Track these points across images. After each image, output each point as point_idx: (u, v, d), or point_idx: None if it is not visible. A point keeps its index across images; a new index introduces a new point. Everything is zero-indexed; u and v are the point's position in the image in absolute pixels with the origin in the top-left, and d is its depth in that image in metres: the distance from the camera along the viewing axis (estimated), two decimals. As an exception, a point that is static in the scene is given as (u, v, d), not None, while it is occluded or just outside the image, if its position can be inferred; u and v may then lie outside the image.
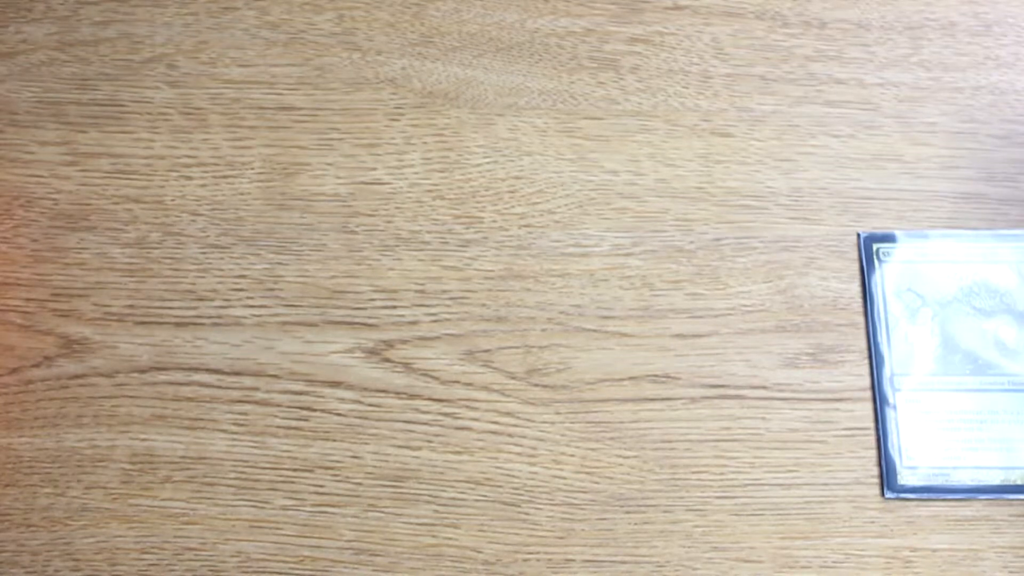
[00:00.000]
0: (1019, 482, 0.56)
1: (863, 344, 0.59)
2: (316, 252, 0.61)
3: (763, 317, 0.60)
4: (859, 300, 0.60)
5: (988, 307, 0.60)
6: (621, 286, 0.61)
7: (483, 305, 0.60)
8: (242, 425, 0.57)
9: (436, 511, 0.56)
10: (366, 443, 0.57)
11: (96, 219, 0.62)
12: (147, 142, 0.64)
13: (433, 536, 0.55)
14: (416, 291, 0.61)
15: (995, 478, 0.56)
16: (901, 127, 0.65)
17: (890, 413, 0.57)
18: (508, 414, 0.58)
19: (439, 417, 0.57)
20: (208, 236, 0.62)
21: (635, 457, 0.57)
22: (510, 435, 0.57)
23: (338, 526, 0.55)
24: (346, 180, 0.63)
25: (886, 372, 0.58)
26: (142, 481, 0.56)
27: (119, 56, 0.66)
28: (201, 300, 0.60)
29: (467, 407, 0.58)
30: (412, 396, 0.58)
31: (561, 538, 0.55)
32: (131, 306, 0.60)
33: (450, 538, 0.55)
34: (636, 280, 0.61)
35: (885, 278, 0.61)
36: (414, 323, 0.60)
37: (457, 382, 0.58)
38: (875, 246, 0.61)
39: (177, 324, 0.60)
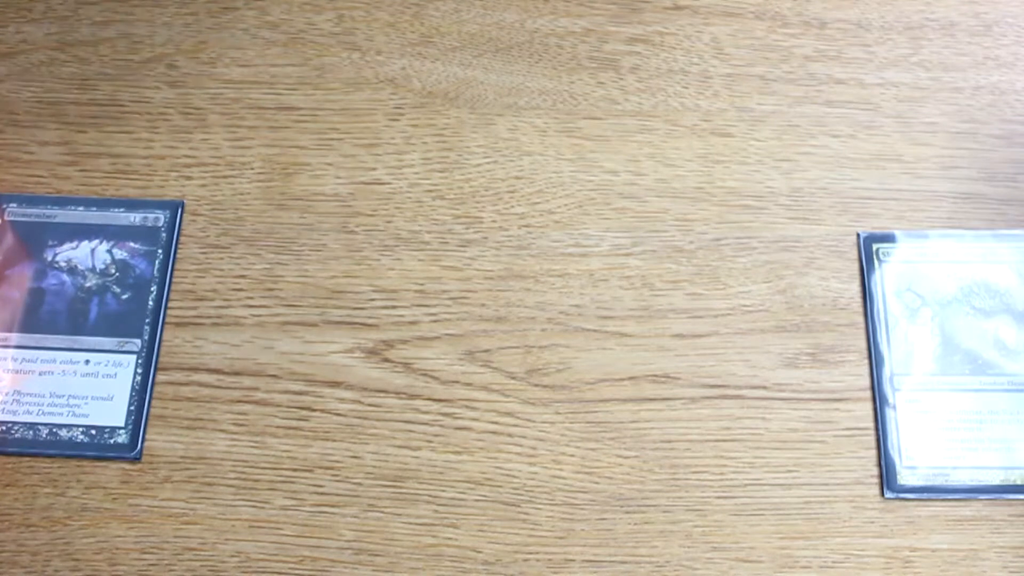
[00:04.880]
0: (1019, 482, 0.56)
1: (863, 344, 0.59)
2: (316, 252, 0.61)
3: (763, 317, 0.60)
4: (859, 300, 0.60)
5: (988, 307, 0.60)
6: (621, 286, 0.61)
7: (483, 305, 0.60)
8: (242, 425, 0.57)
9: (436, 511, 0.56)
10: (366, 443, 0.57)
11: (96, 219, 0.62)
12: (147, 142, 0.64)
13: (433, 536, 0.55)
14: (416, 291, 0.61)
15: (995, 478, 0.56)
16: (901, 127, 0.65)
17: (890, 413, 0.58)
18: (508, 414, 0.58)
19: (439, 417, 0.57)
20: (208, 236, 0.62)
21: (635, 457, 0.57)
22: (510, 435, 0.57)
23: (338, 526, 0.55)
24: (346, 180, 0.63)
25: (886, 372, 0.58)
26: (142, 481, 0.56)
27: (119, 56, 0.66)
28: (201, 300, 0.60)
29: (467, 407, 0.58)
30: (412, 396, 0.58)
31: (561, 538, 0.55)
32: (131, 306, 0.60)
33: (450, 538, 0.55)
34: (636, 280, 0.61)
35: (885, 278, 0.61)
36: (414, 323, 0.60)
37: (457, 382, 0.58)
38: (875, 246, 0.61)
39: (177, 324, 0.60)
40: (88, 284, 0.59)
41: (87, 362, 0.57)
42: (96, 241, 0.60)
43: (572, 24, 0.68)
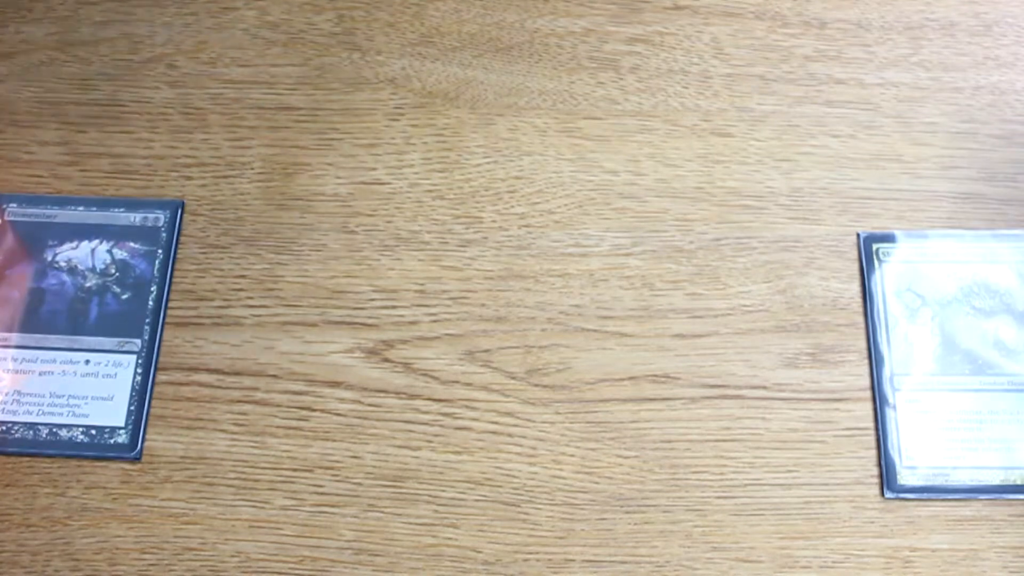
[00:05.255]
0: (1019, 482, 0.56)
1: (863, 344, 0.59)
2: (316, 252, 0.61)
3: (763, 317, 0.60)
4: (859, 300, 0.60)
5: (988, 307, 0.60)
6: (621, 286, 0.61)
7: (483, 305, 0.60)
8: (242, 425, 0.57)
9: (436, 511, 0.56)
10: (366, 443, 0.57)
11: (96, 219, 0.62)
12: (147, 142, 0.64)
13: (433, 536, 0.55)
14: (416, 291, 0.61)
15: (995, 478, 0.56)
16: (901, 127, 0.65)
17: (890, 413, 0.58)
18: (508, 414, 0.58)
19: (439, 417, 0.58)
20: (208, 236, 0.62)
21: (635, 457, 0.57)
22: (510, 435, 0.57)
23: (338, 526, 0.55)
24: (346, 180, 0.63)
25: (886, 372, 0.58)
26: (142, 481, 0.56)
27: (119, 56, 0.66)
28: (201, 300, 0.60)
29: (467, 407, 0.58)
30: (412, 396, 0.58)
31: (561, 538, 0.55)
32: (131, 306, 0.60)
33: (450, 538, 0.55)
34: (636, 280, 0.61)
35: (885, 278, 0.61)
36: (414, 323, 0.60)
37: (457, 382, 0.58)
38: (875, 246, 0.61)
39: (177, 324, 0.60)
40: (88, 284, 0.59)
41: (87, 362, 0.57)
42: (96, 241, 0.60)
43: (572, 24, 0.68)
